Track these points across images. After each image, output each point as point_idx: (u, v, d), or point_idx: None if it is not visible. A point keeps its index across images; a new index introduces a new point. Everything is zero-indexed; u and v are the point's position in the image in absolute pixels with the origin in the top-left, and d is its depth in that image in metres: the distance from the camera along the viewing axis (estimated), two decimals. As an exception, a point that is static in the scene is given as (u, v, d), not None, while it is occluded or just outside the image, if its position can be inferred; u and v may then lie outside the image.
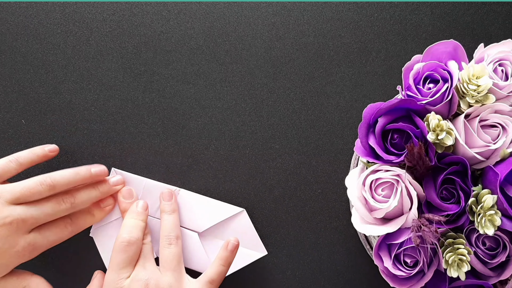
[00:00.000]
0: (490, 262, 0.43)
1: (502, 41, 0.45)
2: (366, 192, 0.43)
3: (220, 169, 0.57)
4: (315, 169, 0.56)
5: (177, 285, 0.50)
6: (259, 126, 0.57)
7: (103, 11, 0.58)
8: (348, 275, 0.56)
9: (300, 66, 0.57)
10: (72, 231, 0.52)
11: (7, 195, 0.48)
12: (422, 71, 0.44)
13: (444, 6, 0.57)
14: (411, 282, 0.44)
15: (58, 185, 0.51)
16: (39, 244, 0.49)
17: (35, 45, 0.58)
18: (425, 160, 0.42)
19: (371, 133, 0.44)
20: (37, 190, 0.49)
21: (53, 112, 0.57)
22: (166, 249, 0.51)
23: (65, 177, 0.51)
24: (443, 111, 0.44)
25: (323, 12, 0.57)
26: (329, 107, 0.57)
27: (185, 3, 0.58)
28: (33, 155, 0.53)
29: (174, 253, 0.51)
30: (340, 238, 0.56)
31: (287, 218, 0.56)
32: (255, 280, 0.56)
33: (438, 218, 0.41)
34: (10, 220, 0.47)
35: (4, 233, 0.47)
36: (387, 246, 0.44)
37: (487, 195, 0.41)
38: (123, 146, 0.57)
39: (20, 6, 0.58)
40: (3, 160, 0.51)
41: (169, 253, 0.51)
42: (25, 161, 0.53)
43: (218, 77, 0.57)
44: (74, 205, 0.51)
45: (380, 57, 0.57)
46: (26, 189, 0.49)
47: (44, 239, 0.50)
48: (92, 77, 0.57)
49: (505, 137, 0.42)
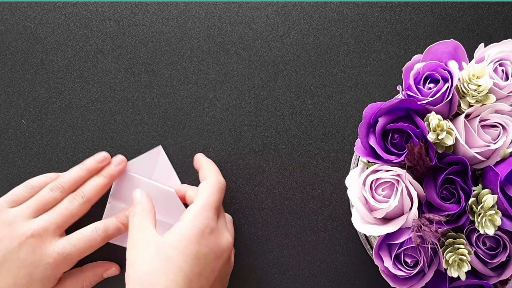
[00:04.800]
0: (490, 262, 0.43)
1: (502, 41, 0.45)
2: (366, 192, 0.43)
3: (220, 169, 0.57)
4: (315, 169, 0.56)
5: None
6: (259, 126, 0.57)
7: (103, 11, 0.58)
8: (348, 275, 0.56)
9: (300, 66, 0.57)
10: (104, 237, 0.52)
11: (24, 213, 0.50)
12: (422, 71, 0.44)
13: (444, 6, 0.57)
14: (411, 282, 0.44)
15: (67, 186, 0.52)
16: (68, 252, 0.49)
17: (35, 45, 0.58)
18: (426, 160, 0.42)
19: (371, 133, 0.44)
20: (50, 196, 0.51)
21: (53, 112, 0.57)
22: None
23: (72, 177, 0.53)
24: (443, 111, 0.44)
25: (323, 12, 0.57)
26: (329, 107, 0.57)
27: (185, 3, 0.58)
28: (47, 178, 0.54)
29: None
30: (340, 238, 0.56)
31: (287, 218, 0.56)
32: (255, 280, 0.56)
33: (438, 218, 0.41)
34: (31, 233, 0.49)
35: (30, 248, 0.48)
36: (388, 246, 0.44)
37: (487, 195, 0.41)
38: (123, 146, 0.57)
39: (20, 6, 0.58)
40: (17, 188, 0.52)
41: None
42: (38, 185, 0.53)
43: (218, 77, 0.57)
44: (86, 198, 0.52)
45: (380, 57, 0.57)
46: (40, 200, 0.51)
47: (73, 247, 0.50)
48: (92, 77, 0.57)
49: (506, 137, 0.42)
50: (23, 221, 0.49)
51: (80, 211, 0.52)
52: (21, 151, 0.57)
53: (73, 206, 0.51)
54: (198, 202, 0.48)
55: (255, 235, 0.56)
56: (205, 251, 0.46)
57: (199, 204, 0.48)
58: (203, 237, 0.46)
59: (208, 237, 0.47)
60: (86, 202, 0.52)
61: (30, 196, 0.52)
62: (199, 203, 0.48)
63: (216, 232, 0.48)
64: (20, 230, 0.49)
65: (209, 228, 0.47)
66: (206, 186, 0.50)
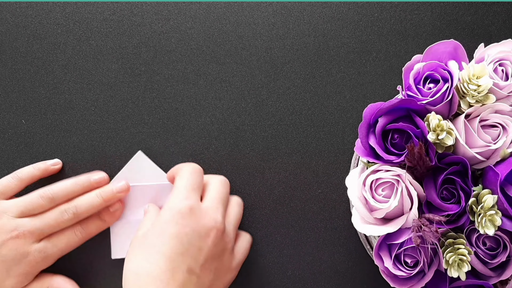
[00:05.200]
0: (490, 262, 0.43)
1: (502, 41, 0.44)
2: (366, 192, 0.43)
3: (220, 169, 0.57)
4: (315, 169, 0.56)
5: None
6: (259, 126, 0.57)
7: (103, 11, 0.58)
8: (348, 275, 0.56)
9: (300, 66, 0.57)
10: (83, 238, 0.53)
11: (12, 210, 0.51)
12: (422, 71, 0.44)
13: (444, 6, 0.57)
14: (411, 282, 0.44)
15: (58, 197, 0.52)
16: (50, 252, 0.51)
17: (35, 45, 0.58)
18: (426, 160, 0.42)
19: (371, 133, 0.44)
20: (38, 203, 0.51)
21: (53, 112, 0.57)
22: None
23: (64, 189, 0.53)
24: (443, 111, 0.44)
25: (323, 12, 0.57)
26: (329, 107, 0.57)
27: (185, 3, 0.58)
28: (34, 169, 0.54)
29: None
30: (340, 238, 0.56)
31: (287, 218, 0.56)
32: (255, 280, 0.56)
33: (438, 218, 0.41)
34: (17, 233, 0.50)
35: (13, 246, 0.50)
36: (388, 246, 0.44)
37: (487, 195, 0.41)
38: (123, 146, 0.57)
39: (20, 6, 0.58)
40: (4, 178, 0.53)
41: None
42: (26, 176, 0.54)
43: (218, 77, 0.57)
44: (77, 215, 0.52)
45: (380, 57, 0.57)
46: (28, 202, 0.51)
47: (54, 247, 0.51)
48: (92, 77, 0.57)
49: (505, 137, 0.42)
50: (11, 219, 0.50)
51: (67, 225, 0.52)
52: (21, 151, 0.57)
53: (62, 220, 0.52)
54: (174, 187, 0.50)
55: (255, 235, 0.56)
56: (186, 230, 0.47)
57: (175, 189, 0.50)
58: (183, 217, 0.47)
59: (189, 217, 0.48)
60: (76, 219, 0.52)
61: (17, 188, 0.53)
62: (174, 189, 0.50)
63: (198, 211, 0.48)
64: (7, 227, 0.50)
65: (188, 208, 0.48)
66: (180, 172, 0.51)
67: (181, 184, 0.50)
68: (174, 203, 0.49)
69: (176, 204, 0.48)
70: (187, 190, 0.49)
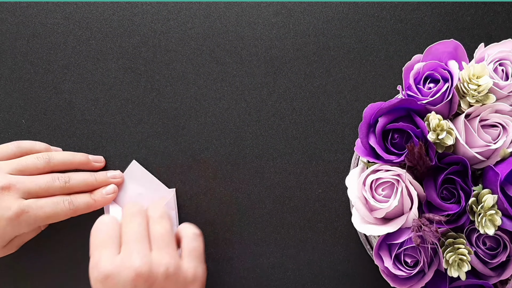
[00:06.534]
0: (490, 262, 0.43)
1: (502, 41, 0.45)
2: (366, 192, 0.43)
3: (220, 169, 0.57)
4: (315, 169, 0.56)
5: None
6: (259, 126, 0.57)
7: (103, 11, 0.58)
8: (348, 275, 0.56)
9: (300, 66, 0.57)
10: (70, 210, 0.52)
11: (5, 167, 0.50)
12: (422, 71, 0.44)
13: (444, 6, 0.57)
14: (411, 282, 0.44)
15: (54, 161, 0.52)
16: (33, 213, 0.49)
17: (35, 45, 0.58)
18: (426, 160, 0.42)
19: (372, 133, 0.44)
20: (33, 162, 0.51)
21: (53, 112, 0.57)
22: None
23: (61, 155, 0.54)
24: (443, 111, 0.44)
25: (323, 12, 0.57)
26: (329, 107, 0.57)
27: (185, 3, 0.58)
28: (35, 144, 0.55)
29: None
30: (340, 238, 0.56)
31: (287, 218, 0.56)
32: (255, 280, 0.56)
33: (438, 218, 0.41)
34: (2, 184, 0.49)
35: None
36: (388, 246, 0.44)
37: (487, 195, 0.41)
38: (123, 146, 0.57)
39: (20, 6, 0.58)
40: (5, 144, 0.53)
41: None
42: (26, 147, 0.54)
43: (218, 77, 0.57)
44: (69, 185, 0.52)
45: (380, 57, 0.57)
46: (23, 161, 0.51)
47: (39, 208, 0.50)
48: (92, 77, 0.57)
49: (506, 137, 0.42)
50: (1, 174, 0.50)
51: (56, 192, 0.52)
52: (21, 151, 0.57)
53: (53, 185, 0.51)
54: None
55: (255, 235, 0.56)
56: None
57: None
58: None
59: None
60: (66, 189, 0.52)
61: (15, 156, 0.53)
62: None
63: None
64: None
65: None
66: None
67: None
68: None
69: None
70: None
